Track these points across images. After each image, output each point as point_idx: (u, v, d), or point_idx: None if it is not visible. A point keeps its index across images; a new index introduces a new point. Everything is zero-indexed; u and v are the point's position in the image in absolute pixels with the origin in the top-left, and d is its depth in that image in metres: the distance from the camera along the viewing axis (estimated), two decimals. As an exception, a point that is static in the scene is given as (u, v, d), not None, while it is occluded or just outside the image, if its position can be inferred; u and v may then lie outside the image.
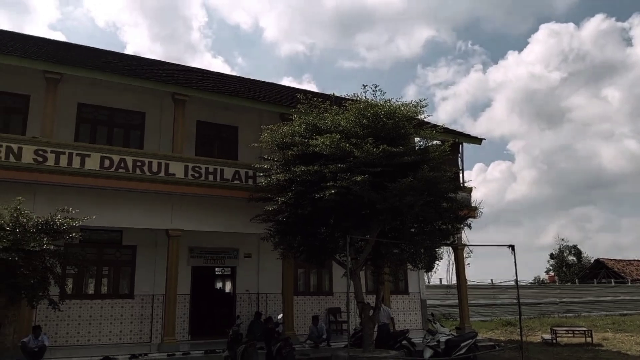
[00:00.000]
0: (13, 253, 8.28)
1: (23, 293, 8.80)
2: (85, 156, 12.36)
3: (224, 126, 16.88)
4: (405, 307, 18.81)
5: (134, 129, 15.49)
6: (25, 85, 13.79)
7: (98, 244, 14.39)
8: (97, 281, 14.85)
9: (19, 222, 8.83)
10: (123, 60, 16.88)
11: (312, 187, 10.95)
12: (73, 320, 13.62)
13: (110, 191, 12.80)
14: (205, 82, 16.64)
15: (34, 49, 14.52)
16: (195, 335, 14.96)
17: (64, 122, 13.95)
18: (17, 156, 11.72)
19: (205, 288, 17.07)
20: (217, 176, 13.96)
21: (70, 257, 9.71)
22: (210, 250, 15.93)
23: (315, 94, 14.63)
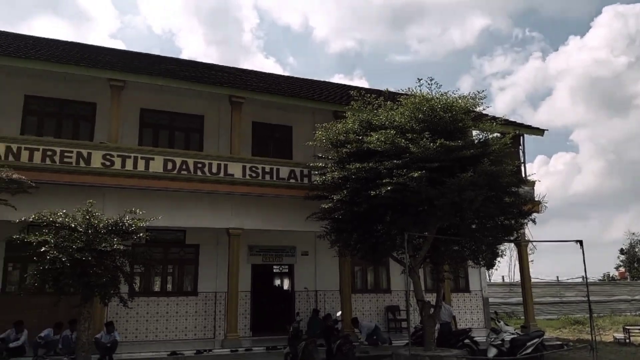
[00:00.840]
0: (86, 253, 8.78)
1: (96, 291, 9.30)
2: (150, 159, 12.90)
3: (278, 126, 17.13)
4: (466, 305, 18.35)
5: (193, 132, 16.02)
6: (91, 94, 14.57)
7: (163, 243, 14.99)
8: (163, 279, 15.47)
9: (91, 224, 9.34)
10: (181, 66, 17.45)
11: (368, 184, 10.88)
12: (141, 317, 14.27)
13: (173, 192, 13.29)
14: (260, 84, 16.93)
15: (98, 58, 15.29)
16: (256, 332, 15.28)
17: (128, 127, 14.62)
18: (86, 161, 12.41)
19: (265, 285, 17.39)
20: (273, 175, 14.18)
21: (139, 256, 10.17)
22: (268, 248, 16.22)
23: (368, 90, 14.50)
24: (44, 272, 8.86)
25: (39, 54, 13.87)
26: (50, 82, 14.17)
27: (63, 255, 8.54)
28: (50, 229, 9.25)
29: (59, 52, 14.87)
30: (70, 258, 8.59)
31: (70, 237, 8.92)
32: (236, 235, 14.02)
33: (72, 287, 9.05)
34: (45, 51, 14.69)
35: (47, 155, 12.06)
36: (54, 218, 9.33)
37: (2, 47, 13.94)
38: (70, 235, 8.98)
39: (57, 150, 12.14)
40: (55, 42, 17.10)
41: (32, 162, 11.86)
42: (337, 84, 22.43)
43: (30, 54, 13.61)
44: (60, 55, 14.33)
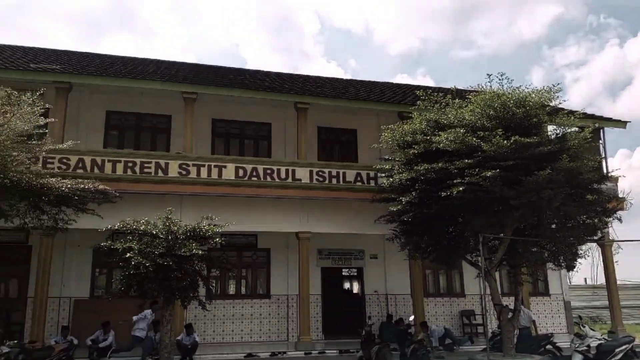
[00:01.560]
0: (167, 258, 9.24)
1: (177, 294, 9.76)
2: (222, 167, 13.40)
3: (343, 130, 17.20)
4: (546, 309, 17.45)
5: (262, 139, 16.46)
6: (166, 107, 15.32)
7: (236, 247, 15.46)
8: (237, 282, 15.94)
9: (170, 230, 9.82)
10: (247, 76, 17.98)
11: (438, 185, 10.66)
12: (218, 319, 14.78)
13: (244, 198, 13.70)
14: (324, 89, 17.10)
15: (171, 72, 16.08)
16: (328, 335, 15.36)
17: (201, 137, 15.24)
18: (164, 171, 13.08)
19: (334, 288, 17.47)
20: (339, 179, 14.25)
21: (215, 260, 10.57)
22: (337, 251, 16.29)
23: (434, 88, 14.24)
24: (129, 276, 9.41)
25: (118, 72, 14.80)
26: (129, 98, 15.06)
27: (146, 260, 9.03)
28: (133, 236, 9.82)
29: (135, 69, 15.80)
30: (153, 263, 9.06)
31: (152, 243, 9.42)
32: (305, 238, 14.21)
33: (155, 290, 9.54)
34: (123, 68, 15.67)
35: (128, 166, 12.83)
36: (137, 225, 9.89)
37: (84, 66, 15.01)
38: (152, 242, 9.48)
39: (137, 161, 12.89)
40: (131, 59, 18.16)
41: (115, 174, 12.67)
42: (401, 84, 22.18)
43: (110, 72, 14.55)
44: (137, 72, 15.23)
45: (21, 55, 15.57)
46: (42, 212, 10.26)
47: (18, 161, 9.68)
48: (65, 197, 9.99)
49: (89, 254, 14.23)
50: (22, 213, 10.13)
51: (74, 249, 14.06)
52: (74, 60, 16.11)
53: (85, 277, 14.30)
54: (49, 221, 10.41)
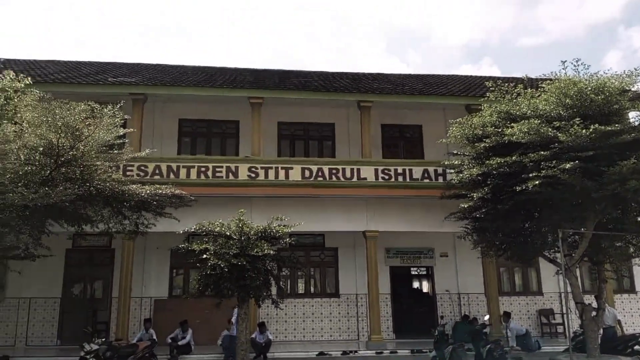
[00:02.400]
0: (241, 258, 9.51)
1: (251, 293, 10.03)
2: (289, 169, 13.65)
3: (407, 126, 16.99)
4: (632, 307, 16.33)
5: (326, 140, 16.60)
6: (234, 112, 15.80)
7: (304, 247, 15.66)
8: (306, 282, 16.15)
9: (243, 232, 10.12)
10: (309, 77, 18.15)
11: (511, 179, 10.25)
12: (290, 318, 15.05)
13: (311, 198, 13.86)
14: (386, 85, 16.94)
15: (237, 79, 16.54)
16: (399, 334, 15.21)
17: (267, 140, 15.59)
18: (235, 174, 13.51)
19: (404, 288, 17.26)
20: (406, 176, 14.07)
21: (286, 260, 10.76)
22: (406, 250, 16.08)
23: (503, 79, 13.71)
24: (206, 276, 9.77)
25: (188, 81, 15.43)
26: (199, 105, 15.69)
27: (221, 261, 9.35)
28: (209, 237, 10.20)
29: (204, 78, 16.40)
30: (228, 263, 9.37)
31: (227, 244, 9.74)
32: (372, 237, 14.15)
33: (231, 290, 9.85)
34: (192, 78, 16.31)
35: (201, 171, 13.37)
36: (211, 227, 10.26)
37: (157, 78, 15.78)
38: (226, 243, 9.80)
39: (210, 166, 13.41)
40: (199, 68, 18.82)
41: (189, 178, 13.24)
42: (467, 76, 21.50)
43: (181, 82, 15.20)
44: (206, 80, 15.81)
45: (99, 70, 16.61)
46: (124, 217, 10.91)
47: (101, 170, 10.37)
48: (145, 202, 10.58)
49: (167, 256, 14.96)
50: (106, 219, 10.82)
51: (153, 251, 14.83)
52: (146, 72, 16.99)
53: (164, 278, 15.03)
54: (131, 225, 11.04)
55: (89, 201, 10.11)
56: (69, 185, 9.18)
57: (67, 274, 14.79)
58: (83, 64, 18.03)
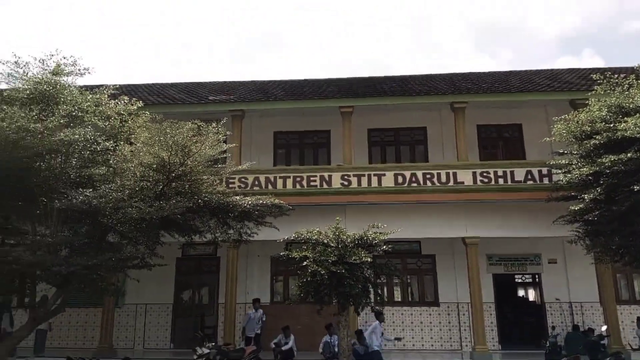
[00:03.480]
0: (340, 266, 9.63)
1: (350, 300, 10.10)
2: (381, 175, 13.62)
3: (505, 126, 16.22)
4: None
5: (418, 144, 16.34)
6: (325, 122, 16.10)
7: (400, 254, 15.48)
8: (403, 289, 15.93)
9: (340, 239, 10.24)
10: (397, 83, 17.97)
11: (627, 178, 9.43)
12: (388, 326, 14.86)
13: (406, 205, 13.69)
14: (480, 85, 16.33)
15: (327, 89, 16.83)
16: (505, 345, 14.47)
17: (358, 147, 15.68)
18: (328, 183, 13.75)
19: (508, 296, 16.41)
20: (507, 179, 13.44)
21: (383, 268, 10.71)
22: (509, 256, 15.28)
23: (609, 69, 12.64)
24: (307, 283, 10.00)
25: (281, 95, 16.00)
26: (292, 118, 16.17)
27: (321, 268, 9.52)
28: (307, 245, 10.44)
29: (294, 91, 16.88)
30: (327, 271, 9.52)
31: (325, 252, 9.90)
32: (473, 244, 13.65)
33: (330, 297, 9.99)
34: (283, 92, 16.85)
35: (297, 181, 13.77)
36: (309, 236, 10.50)
37: (252, 94, 16.52)
38: (324, 250, 9.97)
39: (304, 175, 13.78)
40: (287, 82, 19.35)
41: (285, 188, 13.69)
42: (568, 69, 20.12)
43: (275, 97, 15.80)
44: (297, 93, 16.28)
45: (199, 90, 17.75)
46: (229, 227, 11.51)
47: (207, 183, 11.05)
48: (248, 212, 11.09)
49: (267, 263, 15.55)
50: (212, 229, 11.49)
51: (255, 258, 15.48)
52: (239, 88, 17.83)
53: (265, 284, 15.60)
54: (235, 235, 11.63)
55: (197, 213, 10.80)
56: (180, 198, 9.87)
57: (177, 281, 15.88)
58: (180, 84, 19.39)
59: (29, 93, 9.84)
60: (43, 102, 9.78)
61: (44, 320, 11.16)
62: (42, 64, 10.66)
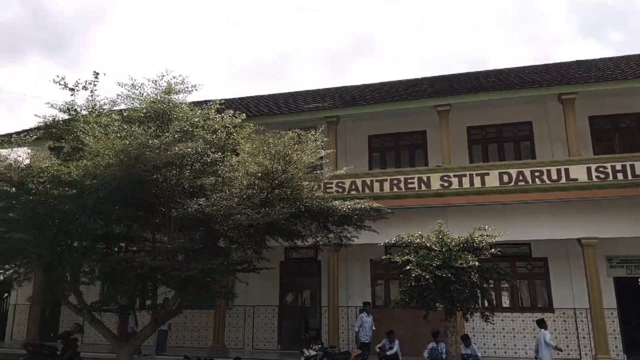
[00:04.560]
0: (445, 270, 9.36)
1: (457, 306, 9.77)
2: (484, 175, 13.05)
3: (623, 115, 14.85)
4: None
5: (523, 140, 15.47)
6: (420, 122, 15.81)
7: (508, 257, 14.70)
8: (512, 295, 15.09)
9: (444, 243, 9.97)
10: (496, 77, 17.18)
11: None
12: (497, 332, 14.23)
13: (512, 205, 13.00)
14: (590, 72, 15.10)
15: (421, 89, 16.52)
16: (632, 354, 13.19)
17: (457, 146, 15.17)
18: (427, 185, 13.45)
19: (633, 301, 14.91)
20: (627, 173, 12.30)
21: (492, 272, 10.25)
22: (632, 258, 13.91)
23: None
24: (411, 288, 9.84)
25: (374, 99, 15.95)
26: (386, 120, 16.07)
27: (425, 272, 9.32)
28: (409, 249, 10.28)
29: (385, 94, 16.77)
30: (432, 275, 9.30)
31: (429, 256, 9.69)
32: (590, 245, 12.63)
33: (436, 301, 9.74)
34: (377, 95, 16.80)
35: (394, 184, 13.64)
36: (411, 239, 10.33)
37: (345, 100, 16.67)
38: (428, 254, 9.76)
39: (401, 178, 13.60)
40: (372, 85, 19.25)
41: (383, 192, 13.61)
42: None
43: (368, 101, 15.79)
44: (390, 95, 16.16)
45: (293, 100, 18.27)
46: (329, 231, 11.68)
47: (307, 189, 11.31)
48: (347, 216, 11.18)
49: (367, 267, 15.56)
50: (313, 233, 11.72)
51: (354, 262, 15.55)
52: (332, 95, 18.07)
53: (366, 288, 15.60)
54: (335, 239, 11.77)
55: (298, 218, 11.10)
56: (283, 204, 10.21)
57: (282, 284, 16.41)
58: (276, 95, 20.11)
59: (145, 112, 10.73)
60: (158, 119, 10.61)
61: (164, 321, 12.08)
62: (154, 84, 11.60)
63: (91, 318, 10.92)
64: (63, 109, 10.89)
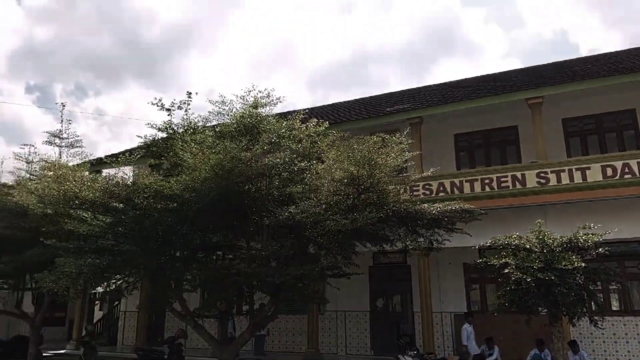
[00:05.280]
0: (548, 272, 8.81)
1: (563, 310, 9.15)
2: (585, 169, 12.18)
3: None
4: None
5: (626, 129, 14.29)
6: (510, 117, 15.09)
7: (616, 257, 13.55)
8: (622, 297, 13.88)
9: (545, 243, 9.39)
10: (590, 63, 16.00)
11: None
12: (608, 338, 13.15)
13: (620, 200, 12.00)
14: None
15: (509, 83, 15.77)
16: None
17: (552, 140, 14.28)
18: (521, 182, 12.78)
19: None
20: None
21: (600, 273, 9.50)
22: None
23: None
24: (510, 292, 9.38)
25: (460, 96, 15.48)
26: (472, 118, 15.52)
27: (526, 275, 8.84)
28: (507, 251, 9.81)
29: (474, 89, 16.19)
30: (534, 278, 8.79)
31: (529, 258, 9.19)
32: None
33: (539, 306, 9.20)
34: (460, 92, 16.30)
35: (485, 183, 13.10)
36: (508, 241, 9.86)
37: (428, 99, 16.33)
38: (528, 256, 9.26)
39: (493, 177, 13.04)
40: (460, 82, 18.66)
41: (473, 192, 13.11)
42: None
43: (452, 98, 15.36)
44: (476, 91, 15.58)
45: (372, 104, 18.21)
46: (419, 235, 11.46)
47: (393, 193, 11.20)
48: (436, 219, 10.90)
49: (460, 270, 15.06)
50: (402, 237, 11.56)
51: (446, 266, 15.11)
52: (416, 96, 17.79)
53: (460, 293, 15.11)
54: (425, 242, 11.52)
55: (386, 222, 11.01)
56: (370, 209, 10.18)
57: (372, 289, 16.34)
58: (355, 101, 20.18)
59: (236, 127, 11.24)
60: (248, 133, 11.06)
61: (262, 326, 12.50)
62: (242, 99, 12.13)
63: (194, 323, 11.54)
64: (162, 128, 11.70)
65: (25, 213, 12.73)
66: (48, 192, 11.39)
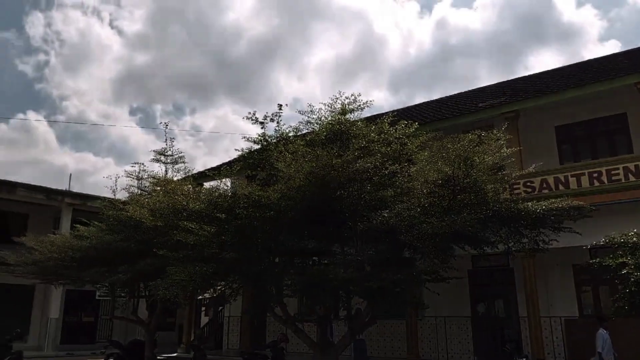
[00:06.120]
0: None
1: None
2: None
3: None
4: None
5: None
6: (615, 105, 13.92)
7: None
8: None
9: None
10: None
11: None
12: None
13: None
14: None
15: (612, 67, 14.54)
16: None
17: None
18: (635, 174, 11.73)
19: None
20: None
21: None
22: None
23: None
24: (630, 294, 8.62)
25: (559, 85, 14.52)
26: (572, 108, 14.49)
27: (650, 276, 8.07)
28: (624, 250, 9.02)
29: (574, 76, 15.11)
30: (660, 279, 8.01)
31: (651, 257, 8.38)
32: None
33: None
34: (559, 82, 15.25)
35: (593, 177, 12.15)
36: (625, 239, 9.06)
37: (523, 91, 15.45)
38: (649, 255, 8.44)
39: (602, 170, 12.07)
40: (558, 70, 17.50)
41: (581, 187, 12.19)
42: None
43: (551, 88, 14.44)
44: (577, 79, 14.53)
45: (460, 100, 17.60)
46: (522, 236, 10.85)
47: (492, 192, 10.71)
48: (542, 218, 10.26)
49: (569, 272, 14.05)
50: (504, 239, 11.01)
51: (554, 268, 14.16)
52: (508, 88, 16.92)
53: (570, 296, 14.08)
54: (530, 243, 10.88)
55: (486, 223, 10.55)
56: (468, 210, 9.82)
57: (472, 293, 15.73)
58: (442, 99, 19.63)
59: (326, 134, 11.42)
60: (338, 139, 11.19)
61: (360, 331, 12.50)
62: (330, 107, 12.30)
63: (295, 328, 11.82)
64: (257, 140, 12.20)
65: (138, 226, 13.81)
66: (159, 206, 12.27)
